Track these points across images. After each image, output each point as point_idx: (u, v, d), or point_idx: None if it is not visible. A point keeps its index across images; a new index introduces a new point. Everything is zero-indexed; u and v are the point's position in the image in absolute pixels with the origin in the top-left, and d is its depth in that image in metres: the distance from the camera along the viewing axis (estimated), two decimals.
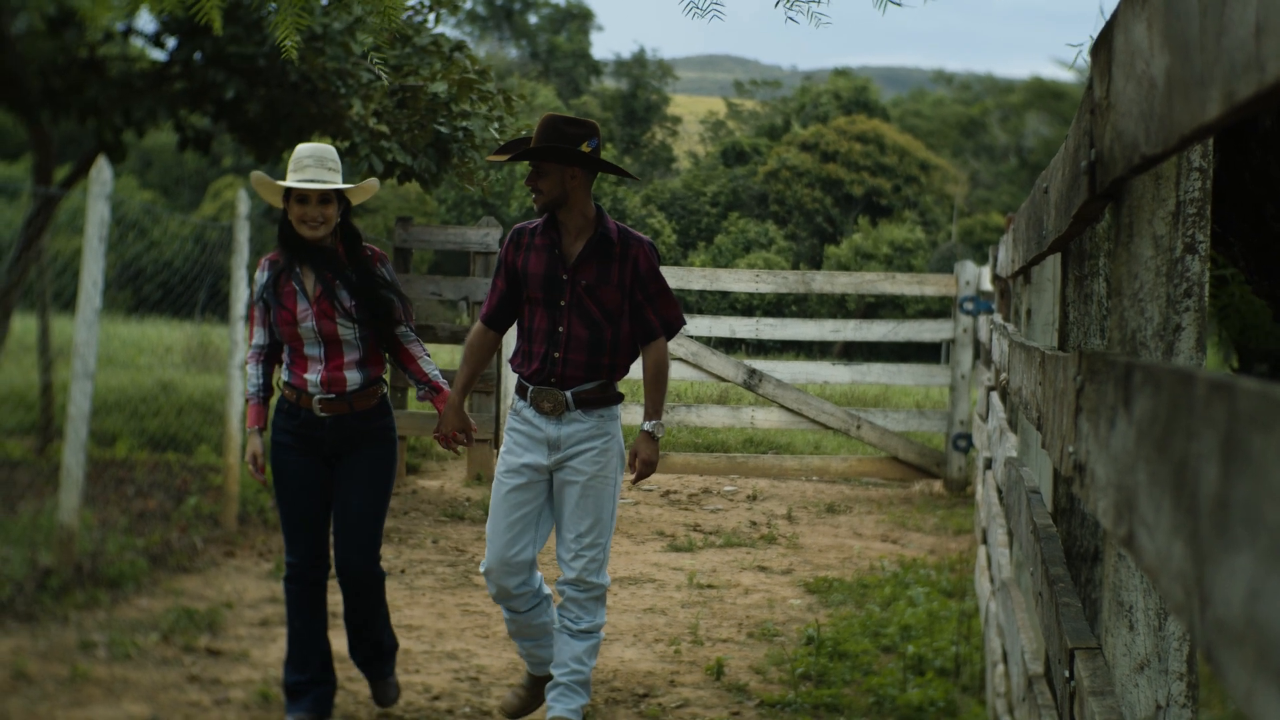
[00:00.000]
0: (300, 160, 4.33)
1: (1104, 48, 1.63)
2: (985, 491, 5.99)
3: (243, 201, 7.81)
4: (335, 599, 5.29)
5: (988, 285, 10.01)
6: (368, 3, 4.68)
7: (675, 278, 10.37)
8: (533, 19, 58.77)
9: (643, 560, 7.59)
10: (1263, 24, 0.84)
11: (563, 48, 53.19)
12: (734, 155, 41.61)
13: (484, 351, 4.60)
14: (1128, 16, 1.43)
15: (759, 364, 10.70)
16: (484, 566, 4.49)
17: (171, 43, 9.91)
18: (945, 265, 33.09)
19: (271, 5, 5.15)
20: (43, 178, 10.35)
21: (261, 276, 4.45)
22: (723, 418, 10.71)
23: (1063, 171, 2.15)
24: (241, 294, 7.62)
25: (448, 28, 68.46)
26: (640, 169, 44.03)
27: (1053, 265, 3.77)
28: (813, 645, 5.73)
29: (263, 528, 7.72)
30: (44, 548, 6.26)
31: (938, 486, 10.50)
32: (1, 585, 5.73)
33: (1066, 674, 2.00)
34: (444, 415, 4.51)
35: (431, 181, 9.45)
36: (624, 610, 6.39)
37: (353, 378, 4.41)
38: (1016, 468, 3.50)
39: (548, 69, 52.36)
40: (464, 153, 9.30)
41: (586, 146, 4.28)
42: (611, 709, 4.94)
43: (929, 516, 9.22)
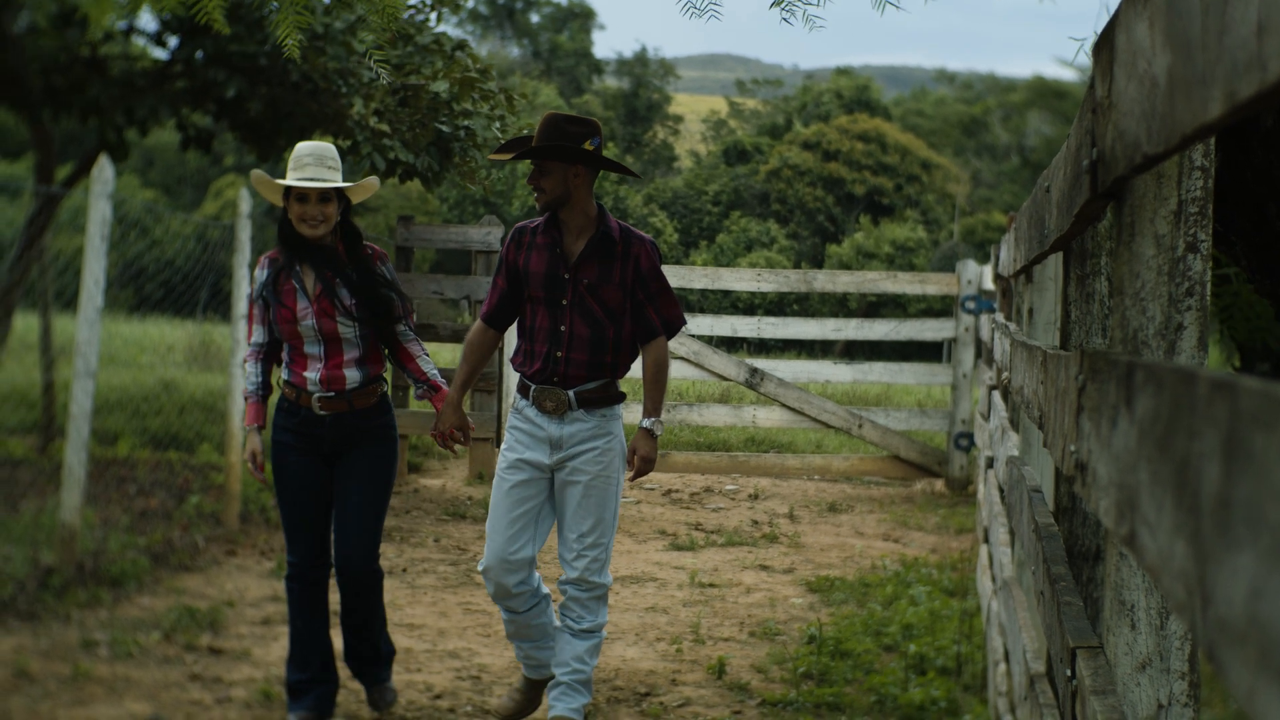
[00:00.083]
0: (300, 159, 4.32)
1: (1106, 47, 1.63)
2: (987, 490, 5.99)
3: (244, 200, 7.81)
4: (336, 598, 5.29)
5: (989, 284, 10.01)
6: (369, 2, 4.67)
7: (677, 277, 10.37)
8: (534, 18, 58.77)
9: (644, 559, 7.59)
10: (1264, 23, 0.84)
11: (564, 47, 53.18)
12: (736, 154, 41.60)
13: (484, 350, 4.60)
14: (1129, 15, 1.43)
15: (761, 363, 10.70)
16: (483, 565, 4.49)
17: (173, 41, 9.93)
18: (947, 264, 33.07)
19: (273, 4, 5.15)
20: (44, 176, 10.36)
21: (261, 274, 4.45)
22: (724, 416, 10.71)
23: (1064, 170, 2.15)
24: (243, 293, 7.62)
25: (449, 27, 68.43)
26: (642, 168, 44.00)
27: (1055, 264, 3.77)
28: (814, 644, 5.73)
29: (264, 526, 7.72)
30: (46, 546, 6.27)
31: (939, 485, 10.50)
32: (3, 584, 5.73)
33: (1068, 673, 2.00)
34: (442, 413, 4.51)
35: (433, 180, 9.45)
36: (626, 609, 6.39)
37: (352, 376, 4.41)
38: (1018, 467, 3.50)
39: (549, 68, 52.35)
40: (466, 152, 9.30)
41: (589, 145, 4.28)
42: (613, 708, 4.94)
43: (931, 515, 9.21)
